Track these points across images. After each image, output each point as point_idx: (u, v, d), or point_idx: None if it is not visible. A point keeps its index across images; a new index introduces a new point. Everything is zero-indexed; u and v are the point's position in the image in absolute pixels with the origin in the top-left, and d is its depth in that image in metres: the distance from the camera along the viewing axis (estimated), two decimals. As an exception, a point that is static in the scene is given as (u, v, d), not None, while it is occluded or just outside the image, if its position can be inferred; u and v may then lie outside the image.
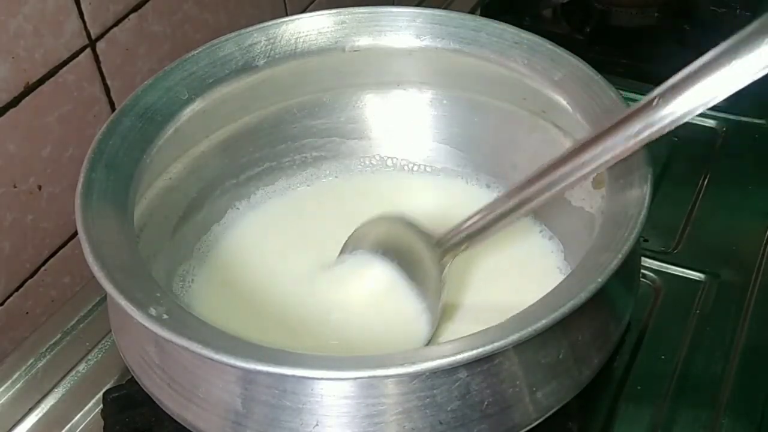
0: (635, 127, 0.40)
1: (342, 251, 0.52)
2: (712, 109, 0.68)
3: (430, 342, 0.48)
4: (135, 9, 0.60)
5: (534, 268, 0.52)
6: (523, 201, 0.45)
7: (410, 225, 0.50)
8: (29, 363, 0.54)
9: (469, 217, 0.47)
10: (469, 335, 0.36)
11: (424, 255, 0.48)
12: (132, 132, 0.47)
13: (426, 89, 0.57)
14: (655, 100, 0.39)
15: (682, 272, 0.56)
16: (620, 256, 0.38)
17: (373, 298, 0.49)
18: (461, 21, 0.53)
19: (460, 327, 0.49)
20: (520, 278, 0.52)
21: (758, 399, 0.49)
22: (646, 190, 0.41)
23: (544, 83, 0.50)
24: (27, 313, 0.59)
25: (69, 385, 0.53)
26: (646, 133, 0.40)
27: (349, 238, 0.52)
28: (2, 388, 0.52)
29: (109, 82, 0.59)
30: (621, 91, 0.47)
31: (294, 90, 0.56)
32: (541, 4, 0.83)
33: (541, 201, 0.44)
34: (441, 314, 0.48)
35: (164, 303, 0.38)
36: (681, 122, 0.39)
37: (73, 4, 0.55)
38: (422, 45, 0.53)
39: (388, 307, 0.49)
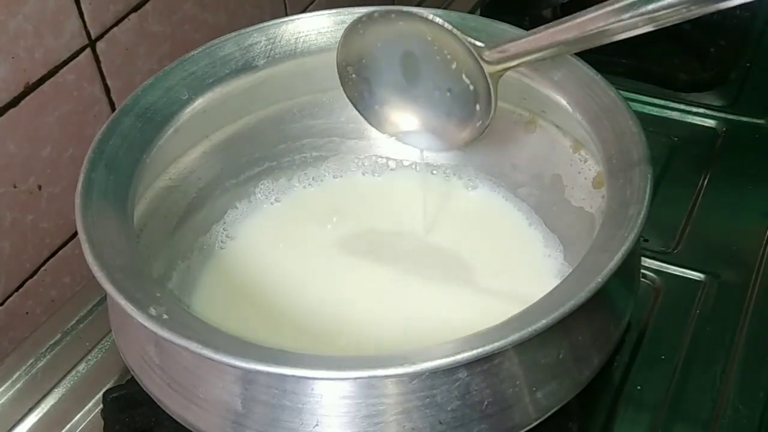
0: None
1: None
2: (712, 109, 0.68)
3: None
4: (135, 9, 0.60)
5: (534, 268, 0.52)
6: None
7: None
8: (29, 363, 0.54)
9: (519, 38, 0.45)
10: (468, 335, 0.36)
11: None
12: (132, 132, 0.47)
13: (426, 89, 0.57)
14: None
15: (682, 272, 0.56)
16: (620, 256, 0.38)
17: None
18: (461, 21, 0.53)
19: (459, 327, 0.49)
20: (520, 278, 0.52)
21: (758, 399, 0.49)
22: (646, 190, 0.41)
23: (544, 83, 0.50)
24: (27, 313, 0.59)
25: (69, 385, 0.53)
26: None
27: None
28: (2, 388, 0.52)
29: (109, 82, 0.59)
30: (621, 91, 0.47)
31: (294, 90, 0.56)
32: (541, 4, 0.83)
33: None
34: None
35: (164, 303, 0.38)
36: None
37: (73, 4, 0.55)
38: (422, 45, 0.53)
39: None
